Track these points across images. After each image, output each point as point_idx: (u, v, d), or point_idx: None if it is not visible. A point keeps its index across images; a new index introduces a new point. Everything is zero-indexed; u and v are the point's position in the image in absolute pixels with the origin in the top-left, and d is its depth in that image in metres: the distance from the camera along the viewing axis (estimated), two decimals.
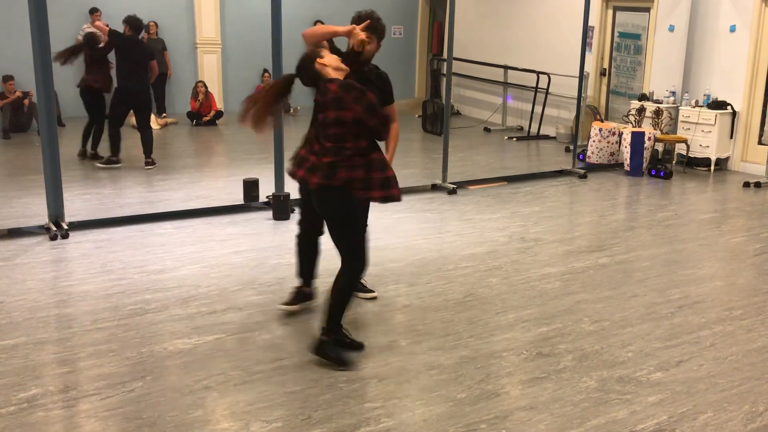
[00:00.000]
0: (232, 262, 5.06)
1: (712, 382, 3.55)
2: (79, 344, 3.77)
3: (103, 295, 4.43)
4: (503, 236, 5.91)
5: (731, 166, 8.94)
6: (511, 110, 11.91)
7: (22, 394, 3.26)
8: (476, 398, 3.32)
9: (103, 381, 3.39)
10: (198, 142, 10.29)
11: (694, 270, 5.23)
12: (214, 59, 12.13)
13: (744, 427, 3.16)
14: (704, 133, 8.75)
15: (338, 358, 3.60)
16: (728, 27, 8.78)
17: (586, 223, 6.51)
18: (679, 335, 4.09)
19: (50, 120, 5.56)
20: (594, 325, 4.18)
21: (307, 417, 3.13)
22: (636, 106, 9.09)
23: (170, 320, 4.10)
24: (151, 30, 11.38)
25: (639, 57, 9.85)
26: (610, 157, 9.00)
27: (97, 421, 3.06)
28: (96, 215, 6.09)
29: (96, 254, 5.20)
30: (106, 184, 7.35)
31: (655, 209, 7.01)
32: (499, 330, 4.08)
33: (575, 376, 3.56)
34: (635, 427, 3.11)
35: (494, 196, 7.30)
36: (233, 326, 4.03)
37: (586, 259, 5.39)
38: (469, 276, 4.95)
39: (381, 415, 3.16)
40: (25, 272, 4.81)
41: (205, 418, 3.11)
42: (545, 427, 3.10)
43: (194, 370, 3.53)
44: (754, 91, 8.62)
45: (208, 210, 6.33)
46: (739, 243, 5.95)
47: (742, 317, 4.38)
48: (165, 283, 4.66)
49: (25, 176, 7.49)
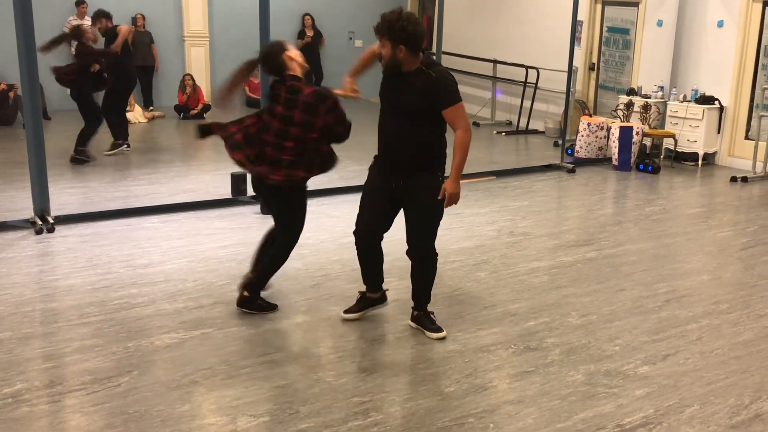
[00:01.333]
0: (219, 257, 5.04)
1: (699, 375, 3.57)
2: (65, 339, 3.74)
3: (89, 290, 4.40)
4: (492, 230, 5.92)
5: (718, 160, 8.98)
6: (500, 105, 11.91)
7: (7, 389, 3.23)
8: (464, 392, 3.32)
9: (89, 376, 3.37)
10: (185, 135, 10.22)
11: (682, 264, 5.25)
12: (201, 52, 12.05)
13: (730, 420, 3.17)
14: (692, 128, 8.78)
15: (263, 307, 4.11)
16: (716, 22, 8.81)
17: (574, 217, 6.53)
18: (666, 329, 4.10)
19: (35, 113, 5.50)
20: (581, 319, 4.20)
21: (295, 411, 3.12)
22: (624, 100, 9.11)
23: (157, 315, 4.07)
24: (139, 23, 11.29)
25: (627, 52, 9.87)
26: (598, 151, 9.03)
27: (83, 416, 3.04)
28: (82, 209, 6.04)
29: (82, 248, 5.16)
30: (92, 178, 7.29)
31: (643, 204, 7.03)
32: (487, 324, 4.09)
33: (563, 370, 3.56)
34: (622, 421, 3.13)
35: (483, 191, 7.30)
36: (220, 321, 4.01)
37: (574, 253, 5.40)
38: (458, 270, 4.95)
39: (369, 409, 3.16)
40: (10, 266, 4.77)
41: (192, 413, 3.10)
42: (533, 421, 3.10)
43: (181, 364, 3.51)
44: (742, 86, 8.66)
45: (196, 204, 6.29)
46: (726, 237, 5.98)
47: (729, 311, 4.41)
48: (152, 277, 4.63)
49: (10, 170, 7.42)
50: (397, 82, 3.64)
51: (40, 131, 5.53)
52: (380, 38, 3.59)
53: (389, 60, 3.59)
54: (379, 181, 3.79)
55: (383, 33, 3.56)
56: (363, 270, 4.01)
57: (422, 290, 3.92)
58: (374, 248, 3.93)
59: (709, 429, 3.10)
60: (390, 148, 3.73)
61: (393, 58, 3.57)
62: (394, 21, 3.53)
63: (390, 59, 3.58)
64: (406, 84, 3.61)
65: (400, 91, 3.64)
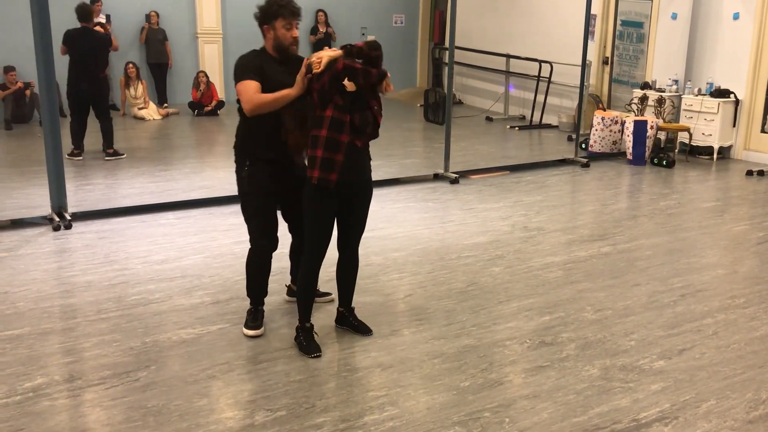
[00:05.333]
0: (234, 252, 5.07)
1: (715, 370, 3.56)
2: (84, 334, 3.78)
3: (106, 286, 4.44)
4: (506, 225, 5.91)
5: (734, 154, 8.92)
6: (513, 99, 11.88)
7: (28, 383, 3.28)
8: (479, 387, 3.34)
9: (108, 371, 3.41)
10: (199, 132, 10.28)
11: (697, 258, 5.23)
12: (215, 49, 12.10)
13: (747, 414, 3.17)
14: (707, 121, 8.72)
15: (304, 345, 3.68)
16: (731, 14, 8.74)
17: (589, 212, 6.51)
18: (681, 324, 4.09)
19: (52, 111, 5.55)
20: (597, 314, 4.19)
21: (311, 406, 3.14)
22: (638, 94, 9.06)
23: (174, 310, 4.11)
24: (153, 20, 11.36)
25: (641, 45, 9.81)
26: (612, 146, 8.98)
27: (102, 410, 3.08)
28: (99, 206, 6.10)
29: (99, 245, 5.21)
30: (108, 175, 7.35)
31: (658, 198, 7.00)
32: (501, 319, 4.09)
33: (578, 365, 3.56)
34: (638, 415, 3.12)
35: (497, 186, 7.29)
36: (237, 316, 4.03)
37: (588, 248, 5.39)
38: (472, 265, 4.96)
39: (385, 403, 3.18)
40: (28, 263, 4.82)
41: (210, 407, 3.13)
42: (548, 416, 3.11)
43: (198, 359, 3.54)
44: (758, 79, 8.59)
45: (211, 200, 6.33)
46: (741, 231, 5.95)
47: (745, 305, 4.39)
48: (168, 273, 4.67)
49: (28, 167, 7.50)
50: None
51: (57, 129, 5.59)
52: (295, 22, 3.63)
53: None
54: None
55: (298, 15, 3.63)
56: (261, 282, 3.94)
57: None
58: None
59: (725, 424, 3.09)
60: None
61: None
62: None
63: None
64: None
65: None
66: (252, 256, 3.82)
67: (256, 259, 3.81)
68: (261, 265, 3.83)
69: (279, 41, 3.61)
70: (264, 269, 3.85)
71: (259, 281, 3.87)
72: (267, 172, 3.65)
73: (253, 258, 3.81)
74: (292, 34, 3.61)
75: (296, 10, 3.63)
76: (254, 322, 3.86)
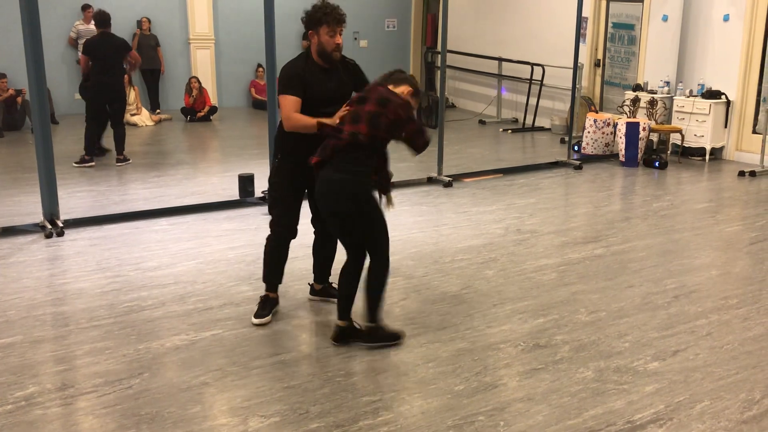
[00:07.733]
0: (228, 258, 5.06)
1: (709, 371, 3.56)
2: (76, 342, 3.76)
3: (99, 293, 4.42)
4: (499, 228, 5.92)
5: (726, 155, 8.95)
6: (506, 102, 11.90)
7: (19, 392, 3.26)
8: (474, 390, 3.33)
9: (101, 378, 3.39)
10: (192, 137, 10.26)
11: (690, 260, 5.24)
12: (207, 55, 12.09)
13: (741, 415, 3.17)
14: (699, 122, 8.75)
15: (390, 335, 3.77)
16: (722, 16, 8.78)
17: (582, 214, 6.52)
18: (675, 325, 4.10)
19: (44, 117, 5.53)
20: (590, 316, 4.19)
21: (305, 411, 3.13)
22: (630, 96, 9.08)
23: (167, 317, 4.09)
24: (144, 26, 11.34)
25: (633, 47, 9.84)
26: (605, 148, 9.01)
27: (95, 419, 3.06)
28: (91, 212, 6.08)
29: (91, 252, 5.19)
30: (100, 182, 7.33)
31: (651, 199, 7.02)
32: (495, 322, 4.09)
33: (572, 367, 3.56)
34: (632, 417, 3.12)
35: (490, 189, 7.30)
36: (230, 322, 4.02)
37: (582, 250, 5.39)
38: (466, 268, 4.96)
39: (379, 408, 3.17)
40: (20, 270, 4.80)
41: (204, 414, 3.11)
42: (543, 418, 3.10)
43: (192, 366, 3.53)
44: (748, 80, 8.63)
45: (204, 206, 6.31)
46: (734, 232, 5.96)
47: (738, 306, 4.39)
48: (161, 279, 4.66)
49: (20, 174, 7.47)
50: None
51: (48, 136, 5.57)
52: (339, 29, 3.77)
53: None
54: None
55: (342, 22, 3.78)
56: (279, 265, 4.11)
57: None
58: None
59: (720, 424, 3.09)
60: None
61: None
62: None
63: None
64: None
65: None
66: (269, 241, 3.99)
67: (272, 243, 3.99)
68: (277, 248, 4.00)
69: (323, 47, 3.75)
70: (280, 253, 4.02)
71: (272, 265, 4.04)
72: (293, 168, 3.85)
73: (270, 242, 3.99)
74: (335, 41, 3.75)
75: (341, 18, 3.75)
76: (263, 310, 4.01)
